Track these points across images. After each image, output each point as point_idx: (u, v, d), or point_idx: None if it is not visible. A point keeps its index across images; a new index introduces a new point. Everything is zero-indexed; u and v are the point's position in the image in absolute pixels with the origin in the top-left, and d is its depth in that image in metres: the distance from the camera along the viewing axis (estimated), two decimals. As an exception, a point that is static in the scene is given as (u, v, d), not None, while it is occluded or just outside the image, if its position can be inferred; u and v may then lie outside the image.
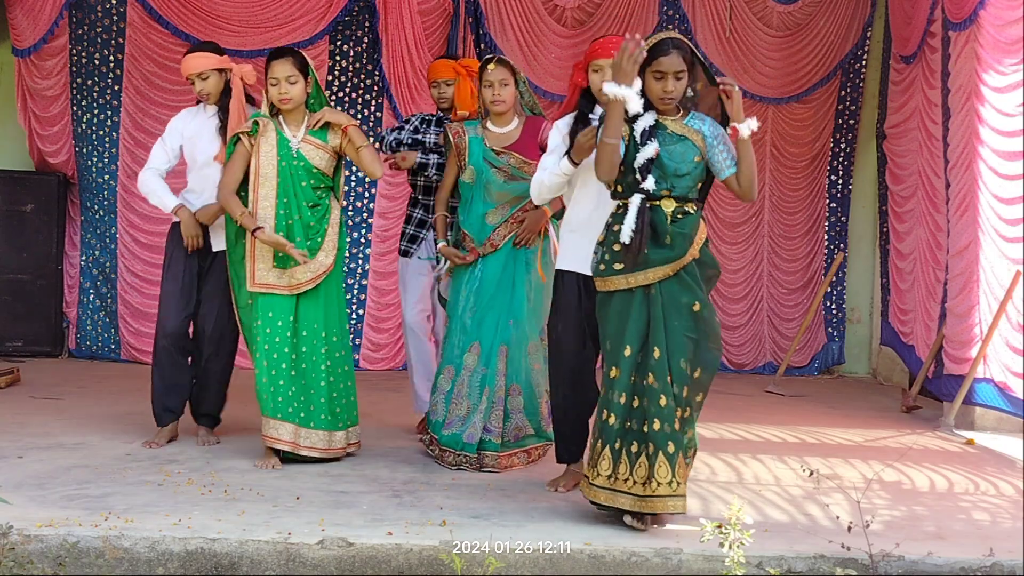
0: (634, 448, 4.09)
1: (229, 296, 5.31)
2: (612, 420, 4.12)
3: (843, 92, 9.07)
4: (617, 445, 4.12)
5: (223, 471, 4.89)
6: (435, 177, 5.67)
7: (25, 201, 8.40)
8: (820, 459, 5.60)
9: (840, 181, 9.18)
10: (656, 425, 4.03)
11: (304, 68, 5.21)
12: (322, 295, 5.14)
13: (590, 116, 4.58)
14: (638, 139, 4.11)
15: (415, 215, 5.81)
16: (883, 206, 8.71)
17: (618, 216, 4.17)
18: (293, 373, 5.06)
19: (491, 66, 5.17)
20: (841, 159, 9.17)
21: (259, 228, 4.97)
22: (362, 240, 8.61)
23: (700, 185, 4.26)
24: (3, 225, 8.38)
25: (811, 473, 4.42)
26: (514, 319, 5.18)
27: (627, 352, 4.11)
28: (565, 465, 4.80)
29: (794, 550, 3.90)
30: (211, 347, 5.44)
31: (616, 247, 4.12)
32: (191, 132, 5.43)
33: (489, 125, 5.28)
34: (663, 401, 4.04)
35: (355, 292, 8.61)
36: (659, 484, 4.01)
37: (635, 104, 4.04)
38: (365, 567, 3.81)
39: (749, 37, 8.92)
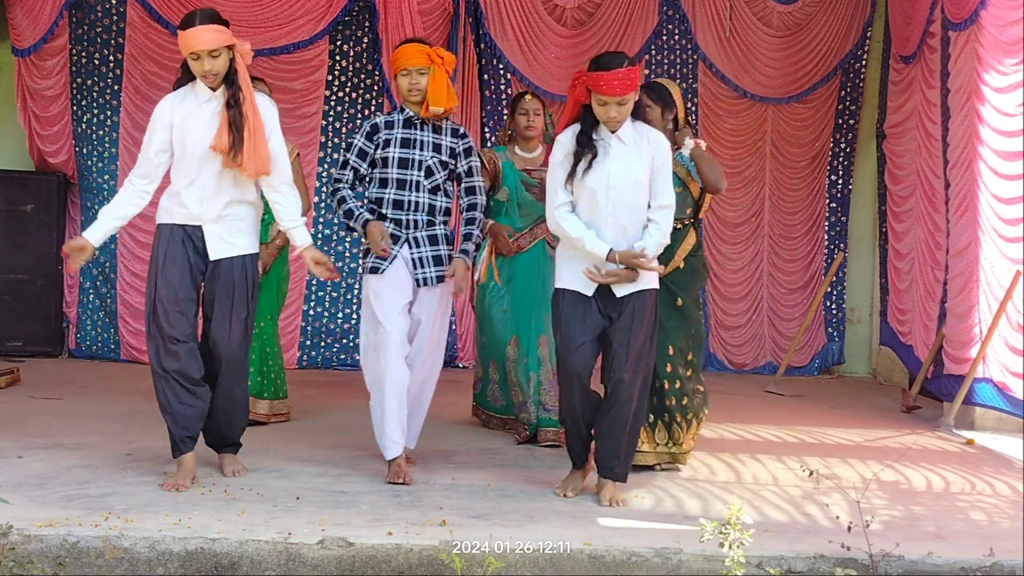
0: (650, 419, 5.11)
1: (246, 308, 4.71)
2: None
3: (843, 92, 9.07)
4: None
5: (223, 471, 4.90)
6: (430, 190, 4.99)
7: (25, 201, 8.41)
8: (819, 459, 5.60)
9: (840, 181, 9.18)
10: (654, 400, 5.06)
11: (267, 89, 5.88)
12: (263, 286, 5.73)
13: (593, 137, 4.52)
14: None
15: (384, 228, 4.96)
16: (883, 206, 8.72)
17: None
18: None
19: (528, 96, 5.82)
20: (841, 159, 9.17)
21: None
22: (363, 241, 8.59)
23: (690, 210, 5.19)
24: (3, 225, 8.39)
25: (811, 473, 4.42)
26: (547, 312, 5.55)
27: None
28: (570, 468, 4.78)
29: (794, 550, 3.90)
30: (230, 368, 4.73)
31: None
32: (180, 117, 4.61)
33: (517, 151, 5.86)
34: (657, 382, 5.01)
35: (355, 292, 8.61)
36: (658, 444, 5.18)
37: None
38: (365, 567, 3.81)
39: (749, 37, 8.92)
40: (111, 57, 8.52)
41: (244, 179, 4.64)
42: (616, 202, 4.50)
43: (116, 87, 8.49)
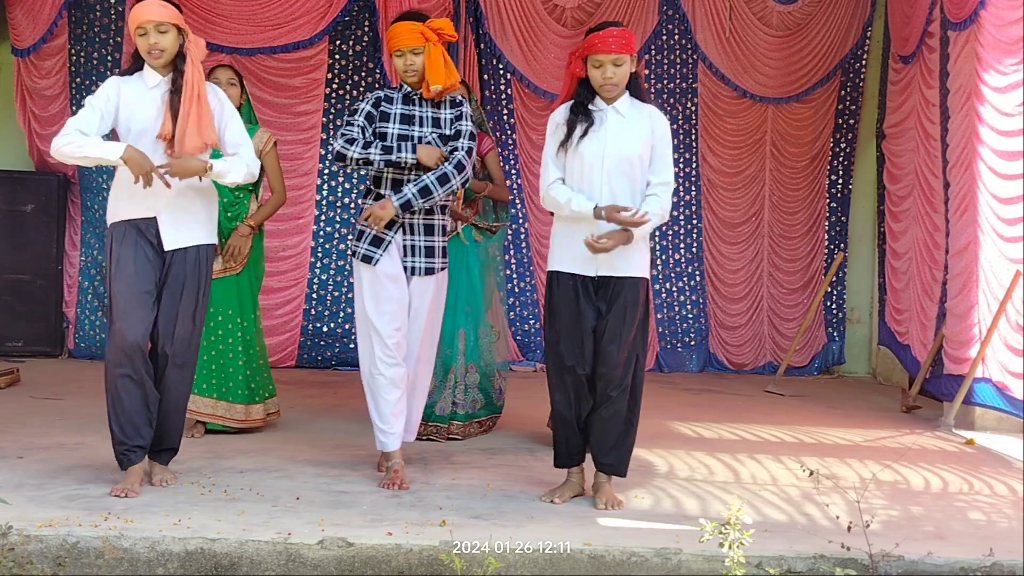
0: None
1: (195, 303, 4.56)
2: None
3: (843, 92, 9.07)
4: None
5: (223, 471, 4.90)
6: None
7: (25, 201, 8.41)
8: (818, 459, 5.60)
9: (840, 181, 9.18)
10: None
11: (240, 78, 5.78)
12: (235, 285, 5.69)
13: (590, 107, 4.50)
14: None
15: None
16: (882, 206, 8.72)
17: None
18: (213, 353, 5.62)
19: None
20: (841, 159, 9.17)
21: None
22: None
23: None
24: (3, 225, 8.39)
25: (811, 473, 4.40)
26: (470, 305, 5.79)
27: None
28: (566, 471, 4.69)
29: (794, 550, 3.90)
30: (175, 365, 4.56)
31: None
32: (126, 100, 4.45)
33: None
34: None
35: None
36: None
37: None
38: (365, 567, 3.81)
39: (749, 37, 8.92)
40: (109, 57, 8.52)
41: None
42: (611, 174, 4.44)
43: (115, 87, 8.48)
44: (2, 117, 8.66)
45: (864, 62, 9.05)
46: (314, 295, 8.66)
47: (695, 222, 9.07)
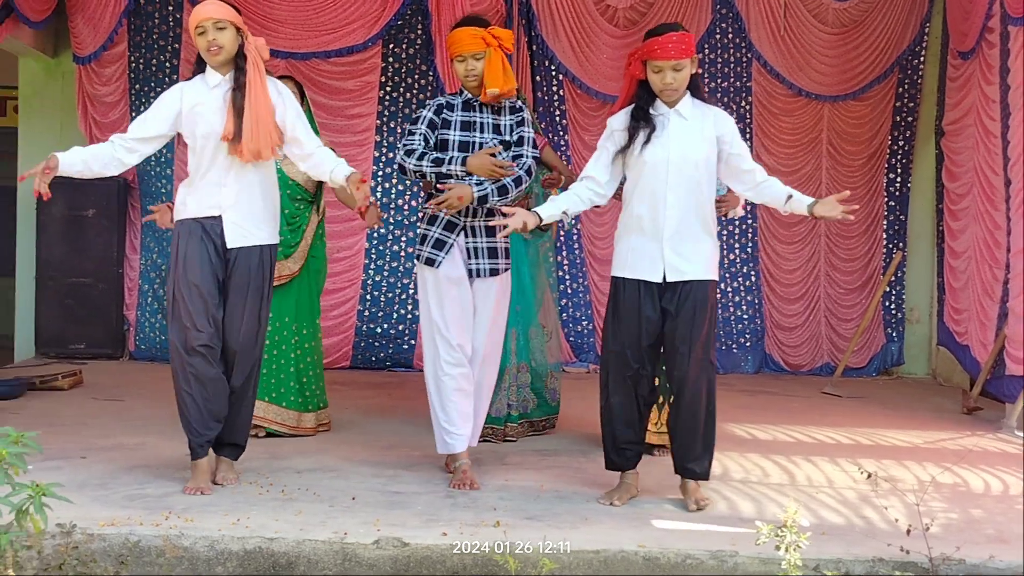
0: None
1: (259, 301, 4.62)
2: None
3: (901, 89, 8.95)
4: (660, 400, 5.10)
5: (280, 471, 4.95)
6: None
7: (86, 206, 8.57)
8: (875, 461, 5.53)
9: (898, 179, 9.06)
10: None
11: (302, 89, 5.76)
12: (294, 293, 5.73)
13: (650, 111, 4.44)
14: None
15: (442, 216, 4.79)
16: (940, 204, 8.59)
17: None
18: (267, 357, 5.50)
19: None
20: (899, 157, 9.04)
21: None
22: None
23: None
24: (65, 230, 8.56)
25: (868, 475, 4.34)
26: (521, 305, 5.78)
27: None
28: (618, 474, 4.66)
29: (852, 553, 3.86)
30: (240, 363, 4.62)
31: None
32: (189, 105, 4.50)
33: None
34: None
35: (410, 293, 8.65)
36: None
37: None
38: (420, 567, 3.83)
39: (804, 34, 8.84)
40: (168, 63, 8.66)
41: (262, 165, 4.54)
42: (678, 177, 4.40)
43: (174, 92, 8.62)
44: (64, 123, 8.84)
45: (922, 58, 8.92)
46: (368, 296, 8.72)
47: (750, 221, 8.99)
